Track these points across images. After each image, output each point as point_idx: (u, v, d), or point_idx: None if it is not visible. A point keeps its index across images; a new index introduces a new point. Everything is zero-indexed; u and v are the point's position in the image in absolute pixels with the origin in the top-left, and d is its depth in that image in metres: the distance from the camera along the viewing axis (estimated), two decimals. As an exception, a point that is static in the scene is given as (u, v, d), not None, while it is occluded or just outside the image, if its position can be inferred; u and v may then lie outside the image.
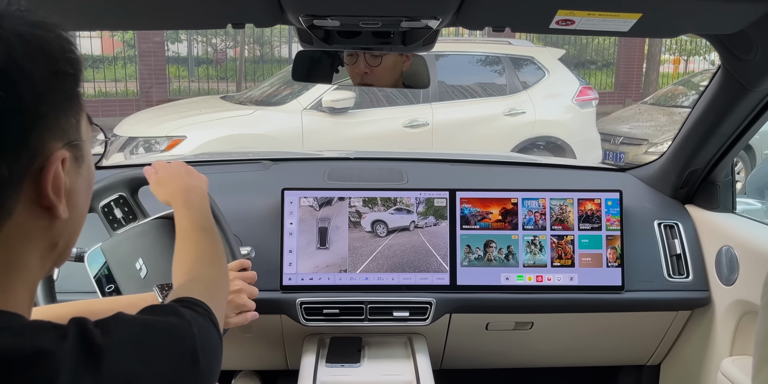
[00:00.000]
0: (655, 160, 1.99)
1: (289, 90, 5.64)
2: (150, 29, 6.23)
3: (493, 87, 6.11)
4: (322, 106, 5.33)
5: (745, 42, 1.31)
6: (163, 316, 0.70)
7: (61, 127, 0.63)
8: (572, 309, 1.75)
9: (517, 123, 5.86)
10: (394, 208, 1.72)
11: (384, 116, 5.59)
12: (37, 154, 0.61)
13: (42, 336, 0.58)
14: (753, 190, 1.93)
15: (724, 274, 1.70)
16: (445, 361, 1.92)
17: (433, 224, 1.72)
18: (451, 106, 5.81)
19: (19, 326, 0.58)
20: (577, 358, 2.00)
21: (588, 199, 1.75)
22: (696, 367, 1.83)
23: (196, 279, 0.98)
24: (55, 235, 0.66)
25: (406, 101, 5.72)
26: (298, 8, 1.16)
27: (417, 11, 1.17)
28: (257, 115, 5.41)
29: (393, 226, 1.71)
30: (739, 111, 1.55)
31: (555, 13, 1.15)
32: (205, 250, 1.10)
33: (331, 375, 1.56)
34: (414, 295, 1.68)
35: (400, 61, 1.48)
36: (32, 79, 0.59)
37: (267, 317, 1.69)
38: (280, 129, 5.24)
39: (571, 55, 12.13)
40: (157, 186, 1.31)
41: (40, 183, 0.61)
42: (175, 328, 0.69)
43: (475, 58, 6.18)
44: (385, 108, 5.66)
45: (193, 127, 5.21)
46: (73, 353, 0.58)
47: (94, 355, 0.59)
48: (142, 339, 0.64)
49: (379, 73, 1.48)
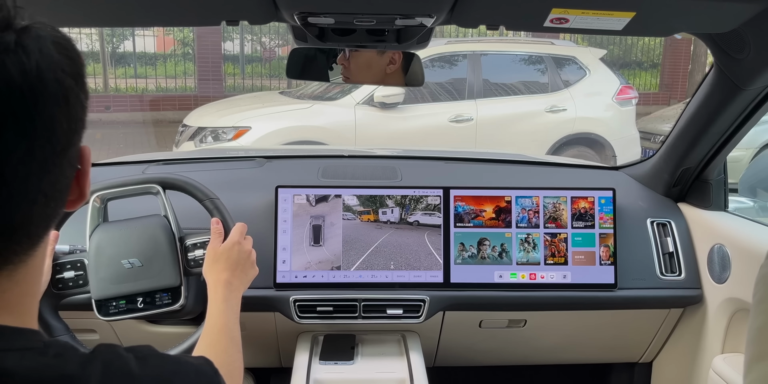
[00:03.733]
0: (648, 159, 1.99)
1: (339, 88, 6.01)
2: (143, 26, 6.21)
3: (535, 85, 6.35)
4: (374, 101, 5.70)
5: (737, 41, 1.31)
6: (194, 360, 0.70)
7: (84, 125, 0.63)
8: (565, 307, 1.76)
9: (558, 120, 6.08)
10: (389, 205, 1.72)
11: (430, 111, 5.94)
12: (77, 155, 0.62)
13: (67, 359, 0.57)
14: (745, 189, 1.94)
15: (716, 272, 1.71)
16: (439, 358, 1.93)
17: (439, 223, 1.72)
18: (494, 103, 6.11)
19: (42, 346, 0.58)
20: (570, 355, 2.01)
21: (581, 197, 1.76)
22: (688, 364, 1.84)
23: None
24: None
25: (451, 98, 6.08)
26: (293, 5, 1.16)
27: (411, 9, 1.17)
28: (314, 109, 5.84)
29: (387, 223, 1.71)
30: (732, 110, 1.56)
31: (549, 11, 1.15)
32: (228, 364, 1.11)
33: (324, 372, 1.56)
34: (407, 292, 1.68)
35: (378, 60, 1.48)
36: (74, 84, 0.58)
37: (260, 315, 1.69)
38: (335, 122, 5.64)
39: (617, 55, 12.14)
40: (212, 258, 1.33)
41: (81, 178, 0.62)
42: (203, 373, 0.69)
43: (518, 57, 6.48)
44: (432, 103, 6.01)
45: (256, 118, 5.67)
46: (102, 379, 0.57)
47: (124, 382, 0.59)
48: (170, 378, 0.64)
49: (352, 68, 1.48)
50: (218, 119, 5.71)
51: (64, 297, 1.44)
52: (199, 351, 1.12)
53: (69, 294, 1.43)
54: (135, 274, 1.40)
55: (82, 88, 0.60)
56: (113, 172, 1.95)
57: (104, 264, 1.41)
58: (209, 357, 0.80)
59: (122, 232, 1.44)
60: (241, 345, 1.19)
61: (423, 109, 5.93)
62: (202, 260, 1.41)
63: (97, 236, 1.44)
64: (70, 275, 1.43)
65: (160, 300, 1.41)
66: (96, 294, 1.40)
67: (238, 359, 1.15)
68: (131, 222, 1.47)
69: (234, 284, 1.29)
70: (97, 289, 1.40)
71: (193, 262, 1.45)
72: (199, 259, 1.44)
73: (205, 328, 1.19)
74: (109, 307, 1.40)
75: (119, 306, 1.40)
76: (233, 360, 1.14)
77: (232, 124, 5.53)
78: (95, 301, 1.41)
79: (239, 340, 1.20)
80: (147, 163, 2.01)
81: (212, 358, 1.04)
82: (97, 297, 1.40)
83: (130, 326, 1.66)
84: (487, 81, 6.18)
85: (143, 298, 1.41)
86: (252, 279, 1.37)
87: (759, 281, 0.75)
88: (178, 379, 0.64)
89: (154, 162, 2.03)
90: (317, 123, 5.65)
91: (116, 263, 1.41)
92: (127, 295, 1.40)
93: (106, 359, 0.59)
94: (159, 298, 1.41)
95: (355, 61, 1.47)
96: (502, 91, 6.26)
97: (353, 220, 1.71)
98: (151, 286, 1.41)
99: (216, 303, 1.23)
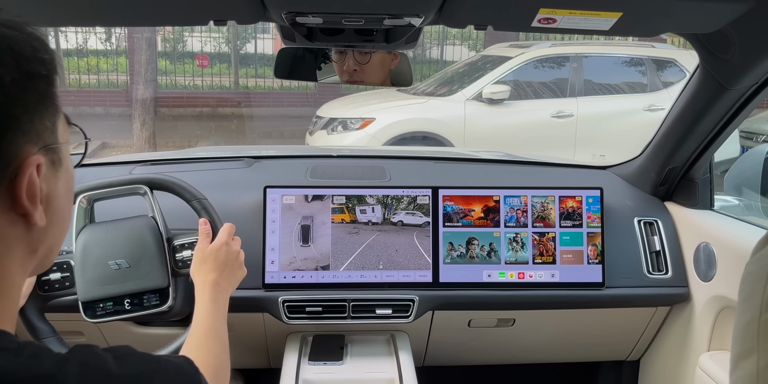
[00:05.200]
0: (635, 158, 2.01)
1: (446, 88, 6.82)
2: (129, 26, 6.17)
3: (634, 85, 6.70)
4: (482, 97, 6.36)
5: (723, 41, 1.33)
6: (174, 359, 0.69)
7: (36, 130, 0.61)
8: (554, 306, 1.77)
9: (655, 118, 6.32)
10: (377, 205, 1.72)
11: (534, 107, 6.49)
12: (11, 159, 0.58)
13: (42, 359, 0.56)
14: (730, 188, 1.95)
15: (702, 271, 1.72)
16: (428, 358, 1.93)
17: (415, 222, 1.73)
18: (594, 101, 6.57)
19: (16, 347, 0.56)
20: (559, 354, 2.02)
21: (569, 197, 1.77)
22: (675, 362, 1.86)
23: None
24: (34, 242, 0.64)
25: (554, 95, 6.61)
26: (281, 5, 1.16)
27: (400, 9, 1.17)
28: (429, 104, 6.61)
29: (376, 223, 1.71)
30: (717, 109, 1.57)
31: (537, 11, 1.16)
32: (215, 365, 1.10)
33: (313, 373, 1.56)
34: (397, 292, 1.68)
35: (388, 59, 1.48)
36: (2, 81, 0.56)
37: (249, 316, 1.69)
38: (447, 115, 6.36)
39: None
40: (200, 258, 1.32)
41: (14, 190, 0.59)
42: (184, 372, 0.68)
43: (619, 59, 6.91)
44: (535, 100, 6.60)
45: (380, 111, 6.47)
46: (79, 379, 0.56)
47: (103, 382, 0.58)
48: (150, 376, 0.62)
49: (367, 71, 1.48)
50: (347, 111, 6.53)
51: (51, 299, 1.42)
52: (186, 352, 1.12)
53: (55, 296, 1.42)
54: (122, 276, 1.39)
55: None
56: (100, 172, 1.93)
57: (91, 265, 1.40)
58: (197, 358, 0.79)
59: (109, 233, 1.43)
60: (228, 346, 1.19)
61: (527, 105, 6.50)
62: (190, 261, 1.40)
63: (84, 237, 1.43)
64: (56, 277, 1.41)
65: (147, 301, 1.40)
66: (83, 296, 1.39)
67: (226, 360, 1.15)
68: (118, 223, 1.46)
69: (222, 285, 1.28)
70: (83, 290, 1.39)
71: (181, 262, 1.44)
72: (187, 260, 1.43)
73: (193, 328, 1.18)
74: (96, 308, 1.39)
75: (106, 307, 1.39)
76: (221, 361, 1.13)
77: (359, 115, 6.33)
78: (82, 302, 1.39)
79: (227, 340, 1.19)
80: (134, 164, 2.00)
81: (199, 359, 1.04)
82: (84, 299, 1.39)
83: (118, 328, 1.65)
84: (588, 81, 6.66)
85: (131, 300, 1.40)
86: (240, 280, 1.36)
87: (744, 279, 0.76)
88: (158, 378, 0.63)
89: (141, 162, 2.01)
90: (432, 116, 6.37)
91: (103, 264, 1.39)
92: (114, 297, 1.39)
93: (83, 358, 0.58)
94: (147, 299, 1.40)
95: (372, 63, 1.47)
96: (603, 91, 6.70)
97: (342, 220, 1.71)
98: (139, 288, 1.40)
99: (203, 304, 1.23)
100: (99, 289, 1.39)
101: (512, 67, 6.58)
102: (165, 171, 1.60)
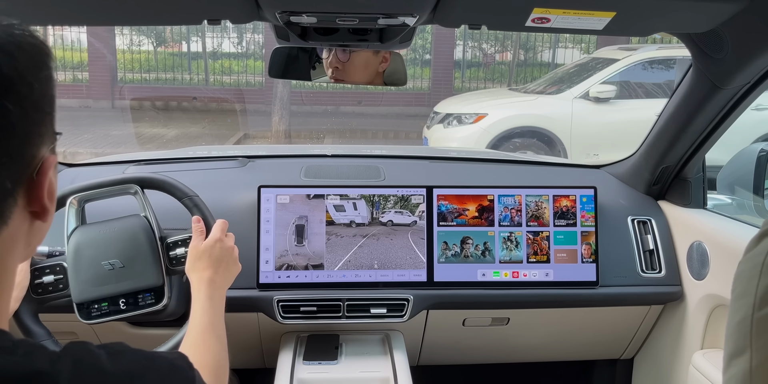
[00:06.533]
0: (629, 157, 2.01)
1: (555, 87, 7.24)
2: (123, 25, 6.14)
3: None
4: (589, 95, 6.74)
5: (716, 41, 1.33)
6: (168, 355, 0.69)
7: (49, 132, 0.62)
8: (548, 304, 1.77)
9: (761, 116, 6.36)
10: (372, 205, 1.72)
11: (639, 106, 6.65)
12: (31, 160, 0.60)
13: (36, 356, 0.56)
14: (723, 186, 1.96)
15: (696, 269, 1.73)
16: (423, 357, 1.93)
17: (404, 221, 1.73)
18: None
19: (11, 345, 0.57)
20: (553, 353, 2.02)
21: (563, 196, 1.77)
22: (668, 360, 1.86)
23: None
24: (32, 238, 0.65)
25: (662, 95, 6.75)
26: (275, 5, 1.16)
27: (394, 8, 1.17)
28: (539, 101, 7.08)
29: (370, 223, 1.71)
30: (710, 109, 1.58)
31: (531, 11, 1.16)
32: (214, 363, 1.10)
33: (308, 372, 1.56)
34: (391, 291, 1.69)
35: (374, 60, 1.48)
36: (32, 87, 0.58)
37: (244, 315, 1.69)
38: (555, 112, 6.79)
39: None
40: (195, 256, 1.32)
41: (34, 189, 0.60)
42: (177, 368, 0.68)
43: None
44: (642, 99, 6.87)
45: (492, 107, 6.99)
46: (72, 375, 0.56)
47: (97, 379, 0.58)
48: (143, 373, 0.63)
49: (348, 69, 1.48)
50: (462, 107, 7.08)
51: (45, 302, 1.41)
52: (183, 351, 1.11)
53: (49, 299, 1.41)
54: (116, 276, 1.39)
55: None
56: (93, 172, 1.93)
57: (84, 266, 1.39)
58: (195, 357, 0.79)
59: (101, 234, 1.42)
60: (226, 343, 1.18)
61: (632, 104, 6.77)
62: (184, 258, 1.40)
63: (76, 238, 1.42)
64: (49, 280, 1.41)
65: (143, 300, 1.39)
66: (77, 297, 1.38)
67: (224, 358, 1.14)
68: (110, 223, 1.45)
69: (218, 282, 1.28)
70: (77, 292, 1.38)
71: (175, 260, 1.43)
72: (181, 258, 1.42)
73: (190, 327, 1.18)
74: (91, 309, 1.38)
75: (101, 308, 1.38)
76: (219, 359, 1.13)
77: (473, 111, 6.82)
78: (76, 304, 1.38)
79: (225, 338, 1.19)
80: (128, 164, 1.99)
81: (198, 357, 1.03)
82: (79, 300, 1.38)
83: (112, 329, 1.64)
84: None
85: (126, 300, 1.39)
86: (235, 276, 1.35)
87: (737, 277, 0.76)
88: (152, 374, 0.63)
89: (134, 162, 2.00)
90: (541, 112, 6.80)
91: (97, 265, 1.39)
92: (109, 297, 1.38)
93: (77, 355, 0.59)
94: (142, 298, 1.39)
95: (352, 62, 1.47)
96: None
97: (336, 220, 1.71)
98: (134, 287, 1.39)
99: (200, 301, 1.22)
100: (93, 290, 1.38)
101: (619, 68, 6.90)
102: (159, 171, 1.60)
